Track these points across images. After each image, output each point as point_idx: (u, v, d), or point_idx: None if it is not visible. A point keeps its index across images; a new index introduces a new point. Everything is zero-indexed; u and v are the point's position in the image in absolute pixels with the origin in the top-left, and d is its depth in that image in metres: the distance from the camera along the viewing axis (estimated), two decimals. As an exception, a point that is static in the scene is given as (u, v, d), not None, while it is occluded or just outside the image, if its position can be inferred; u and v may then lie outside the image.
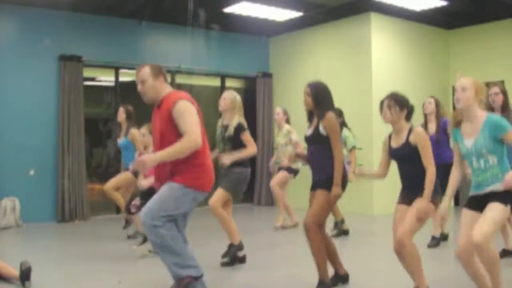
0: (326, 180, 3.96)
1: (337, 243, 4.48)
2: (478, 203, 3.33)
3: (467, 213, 3.37)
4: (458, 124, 3.42)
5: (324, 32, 8.99)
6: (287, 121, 6.98)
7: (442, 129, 5.63)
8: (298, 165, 6.86)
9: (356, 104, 8.19)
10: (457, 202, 9.28)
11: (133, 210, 4.99)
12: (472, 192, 3.42)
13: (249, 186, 5.20)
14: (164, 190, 3.47)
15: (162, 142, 3.44)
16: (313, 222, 3.95)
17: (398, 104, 3.65)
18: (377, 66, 8.24)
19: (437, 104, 5.76)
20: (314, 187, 4.11)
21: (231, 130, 4.90)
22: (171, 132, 3.41)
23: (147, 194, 4.57)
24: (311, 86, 4.12)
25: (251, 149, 4.90)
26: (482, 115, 3.31)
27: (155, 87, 3.44)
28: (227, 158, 4.80)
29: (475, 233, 3.08)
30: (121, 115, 6.26)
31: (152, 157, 3.29)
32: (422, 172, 3.59)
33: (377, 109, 3.88)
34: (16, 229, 7.21)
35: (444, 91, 9.02)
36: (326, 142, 4.00)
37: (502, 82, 7.71)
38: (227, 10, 7.86)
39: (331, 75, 8.06)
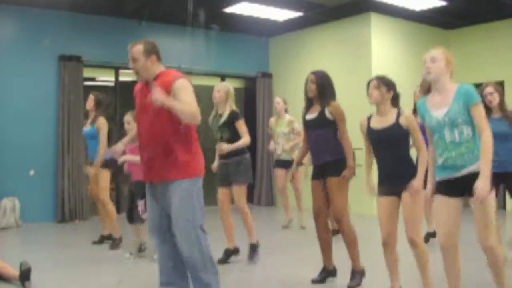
0: (334, 165, 4.09)
1: (337, 243, 4.49)
2: (452, 187, 3.10)
3: (442, 200, 3.14)
4: (426, 93, 3.28)
5: (324, 32, 8.99)
6: (286, 111, 7.03)
7: None
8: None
9: (355, 104, 8.18)
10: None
11: (144, 216, 4.81)
12: (442, 176, 3.13)
13: (249, 186, 5.22)
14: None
15: (158, 117, 3.20)
16: (342, 214, 4.08)
17: (385, 85, 3.64)
18: (377, 66, 8.23)
19: (426, 93, 5.71)
20: (319, 174, 4.19)
21: (225, 117, 4.96)
22: (166, 111, 3.14)
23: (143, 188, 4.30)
24: (316, 75, 4.25)
25: (245, 139, 4.95)
26: (453, 86, 3.12)
27: (146, 67, 3.28)
28: (225, 146, 4.86)
29: (485, 238, 3.01)
30: (90, 102, 5.94)
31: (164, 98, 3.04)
32: (406, 158, 3.56)
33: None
34: (15, 229, 7.21)
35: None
36: (331, 126, 4.13)
37: (502, 82, 7.72)
38: (227, 10, 7.86)
39: (331, 75, 7.96)
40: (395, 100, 3.70)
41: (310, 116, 4.26)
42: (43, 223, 7.50)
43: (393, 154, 3.57)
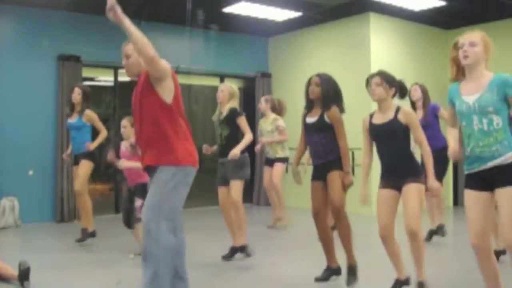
0: (336, 161, 4.13)
1: (335, 244, 4.49)
2: (482, 181, 2.92)
3: (471, 195, 2.97)
4: (456, 79, 3.11)
5: (323, 32, 8.99)
6: (273, 109, 6.98)
7: (431, 113, 5.60)
8: (286, 153, 6.92)
9: (355, 104, 8.17)
10: (456, 202, 9.29)
11: (139, 215, 4.74)
12: (471, 169, 2.97)
13: (249, 186, 5.23)
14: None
15: (141, 111, 3.19)
16: (341, 205, 4.11)
17: (387, 81, 3.66)
18: (376, 66, 8.12)
19: (424, 91, 5.74)
20: (319, 174, 4.21)
21: (224, 114, 4.97)
22: (150, 95, 3.15)
23: (144, 189, 4.36)
24: (322, 78, 4.26)
25: (247, 136, 4.96)
26: (488, 74, 2.96)
27: (139, 63, 3.25)
28: (236, 151, 4.81)
29: (510, 237, 2.78)
30: (76, 96, 5.89)
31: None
32: (406, 153, 3.59)
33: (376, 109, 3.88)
34: (15, 229, 7.21)
35: (443, 91, 8.97)
36: (331, 130, 4.16)
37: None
38: (226, 10, 7.86)
39: (330, 75, 8.05)
40: (403, 92, 3.77)
41: (310, 119, 4.28)
42: (43, 223, 7.50)
43: (393, 148, 3.60)
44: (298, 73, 9.32)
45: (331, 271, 4.31)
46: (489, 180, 2.90)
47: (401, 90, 3.81)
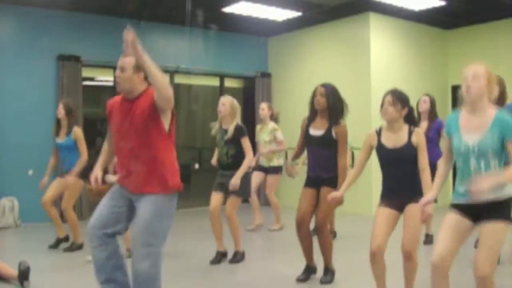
0: (332, 180, 4.16)
1: (334, 244, 4.52)
2: (468, 210, 2.89)
3: (453, 218, 2.92)
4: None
5: (323, 32, 8.99)
6: (272, 117, 6.91)
7: (435, 130, 5.57)
8: (280, 161, 6.88)
9: (354, 104, 8.15)
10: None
11: None
12: (459, 200, 2.94)
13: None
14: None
15: (139, 136, 3.12)
16: (325, 220, 4.21)
17: (400, 101, 3.51)
18: (376, 66, 8.24)
19: (432, 104, 5.71)
20: (312, 184, 4.27)
21: (231, 132, 4.94)
22: (152, 121, 3.10)
23: None
24: (327, 88, 4.24)
25: (249, 157, 4.96)
26: (491, 109, 2.86)
27: (132, 80, 3.17)
28: (236, 180, 4.83)
29: (483, 265, 2.70)
30: (60, 111, 5.67)
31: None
32: (413, 175, 3.48)
33: (376, 110, 3.87)
34: (14, 229, 7.21)
35: (443, 91, 9.03)
36: (335, 146, 4.19)
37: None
38: (226, 10, 7.86)
39: (330, 75, 8.05)
40: (410, 115, 3.59)
41: (315, 132, 4.27)
42: (42, 223, 7.48)
43: (401, 173, 3.49)
44: (298, 73, 9.33)
45: (310, 270, 4.48)
46: (475, 213, 2.87)
47: (410, 114, 3.61)
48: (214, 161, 5.50)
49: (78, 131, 5.65)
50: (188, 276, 4.64)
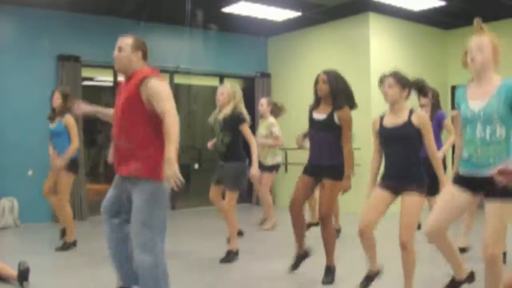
0: (334, 169, 4.11)
1: (337, 243, 4.50)
2: (469, 184, 2.94)
3: (451, 191, 3.00)
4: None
5: (322, 32, 8.99)
6: (275, 109, 6.93)
7: (436, 121, 5.59)
8: (277, 160, 6.87)
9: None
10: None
11: None
12: (464, 171, 2.95)
13: (248, 186, 5.24)
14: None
15: (123, 117, 3.16)
16: (328, 213, 4.15)
17: (400, 82, 3.57)
18: (376, 66, 8.23)
19: (434, 96, 5.73)
20: (316, 173, 4.21)
21: (227, 114, 4.95)
22: (140, 103, 3.11)
23: None
24: (329, 75, 4.22)
25: (253, 143, 4.97)
26: (497, 78, 2.91)
27: (129, 59, 3.23)
28: (254, 171, 4.95)
29: (490, 244, 2.74)
30: (56, 100, 5.68)
31: (171, 160, 2.88)
32: (414, 159, 3.50)
33: (376, 109, 3.88)
34: (14, 229, 7.21)
35: (443, 91, 9.01)
36: (337, 131, 4.12)
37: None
38: (226, 10, 7.86)
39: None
40: (424, 91, 3.78)
41: (318, 116, 4.23)
42: (42, 223, 7.49)
43: (402, 153, 3.51)
44: (298, 73, 9.32)
45: (301, 256, 4.45)
46: (478, 185, 2.90)
47: (423, 89, 3.80)
48: (210, 144, 5.46)
49: (69, 118, 5.63)
50: (188, 275, 4.63)
